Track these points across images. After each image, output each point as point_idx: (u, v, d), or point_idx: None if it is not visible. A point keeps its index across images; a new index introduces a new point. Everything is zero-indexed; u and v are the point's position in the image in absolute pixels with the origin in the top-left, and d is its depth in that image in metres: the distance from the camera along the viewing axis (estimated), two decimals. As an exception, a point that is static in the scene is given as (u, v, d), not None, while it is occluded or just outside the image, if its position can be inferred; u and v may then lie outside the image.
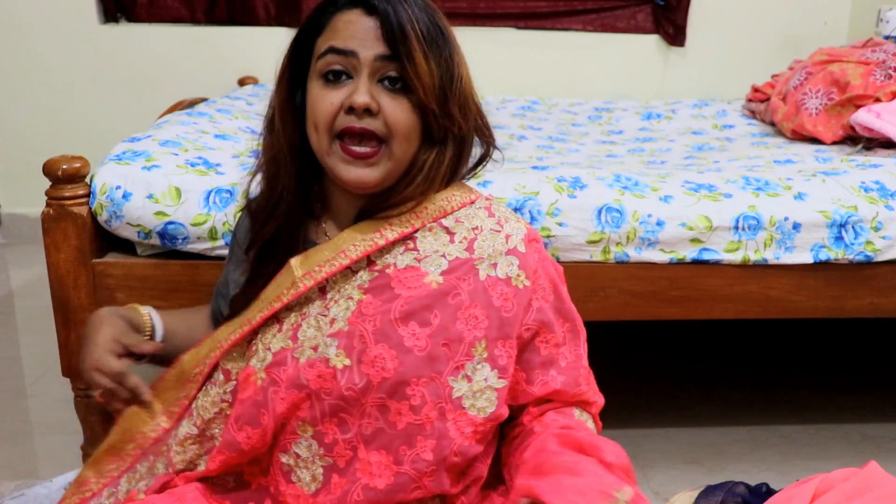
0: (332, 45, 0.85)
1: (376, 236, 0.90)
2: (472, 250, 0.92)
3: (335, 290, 0.90)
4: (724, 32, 2.90)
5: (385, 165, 0.87)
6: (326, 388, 0.86)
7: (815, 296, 1.39)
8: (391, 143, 0.86)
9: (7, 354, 1.99)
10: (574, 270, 1.32)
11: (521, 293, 0.93)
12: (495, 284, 0.92)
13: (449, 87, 0.86)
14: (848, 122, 1.84)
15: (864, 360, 2.03)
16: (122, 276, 1.30)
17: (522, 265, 0.94)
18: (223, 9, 2.78)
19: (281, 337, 0.89)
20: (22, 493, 1.08)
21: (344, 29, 0.85)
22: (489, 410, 0.91)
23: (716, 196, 1.36)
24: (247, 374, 0.89)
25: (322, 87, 0.86)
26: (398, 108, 0.85)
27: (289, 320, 0.90)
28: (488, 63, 2.85)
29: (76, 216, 1.27)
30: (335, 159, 0.87)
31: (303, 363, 0.87)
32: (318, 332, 0.88)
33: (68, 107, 2.81)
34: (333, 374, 0.86)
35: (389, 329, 0.87)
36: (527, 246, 0.95)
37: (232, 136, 1.65)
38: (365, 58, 0.84)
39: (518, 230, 0.96)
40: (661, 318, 1.39)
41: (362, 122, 0.84)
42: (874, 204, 1.37)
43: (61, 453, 1.52)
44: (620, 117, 2.41)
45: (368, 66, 0.84)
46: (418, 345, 0.87)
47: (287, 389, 0.87)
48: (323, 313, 0.89)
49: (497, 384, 0.91)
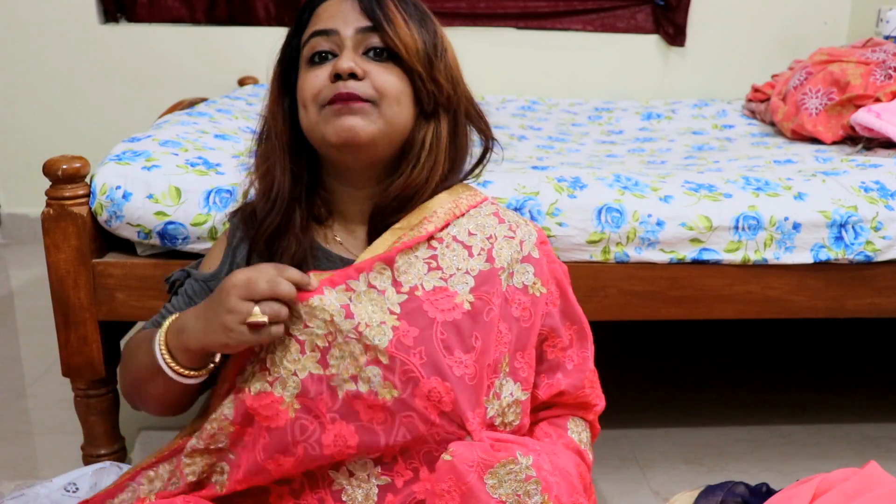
0: (314, 30, 0.87)
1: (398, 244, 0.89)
2: (493, 259, 0.91)
3: (361, 309, 0.85)
4: (724, 32, 2.90)
5: (377, 123, 0.86)
6: (379, 419, 0.83)
7: (815, 296, 1.39)
8: (381, 105, 0.85)
9: (7, 354, 1.99)
10: (574, 270, 1.32)
11: (537, 301, 0.93)
12: (514, 294, 0.92)
13: (433, 53, 0.88)
14: (848, 122, 1.84)
15: (864, 360, 2.03)
16: (122, 276, 1.30)
17: (538, 272, 0.94)
18: (223, 9, 2.78)
19: (307, 361, 0.84)
20: (22, 493, 1.08)
21: (324, 13, 0.88)
22: (515, 424, 0.91)
23: (716, 196, 1.36)
24: (271, 400, 0.84)
25: (309, 69, 0.87)
26: (385, 72, 0.86)
27: (310, 340, 0.84)
28: (488, 63, 2.86)
29: (76, 216, 1.27)
30: (323, 123, 0.86)
31: (343, 395, 0.83)
32: (353, 359, 0.83)
33: (68, 107, 2.81)
34: (387, 408, 0.83)
35: (438, 361, 0.84)
36: (539, 250, 0.95)
37: (232, 136, 1.65)
38: (346, 33, 0.85)
39: (529, 234, 0.96)
40: (661, 318, 1.39)
41: (349, 88, 0.84)
42: (874, 204, 1.37)
43: (61, 453, 1.52)
44: (620, 117, 2.41)
45: (351, 40, 0.86)
46: (468, 373, 0.85)
47: (333, 422, 0.83)
48: (355, 337, 0.84)
49: (521, 396, 0.91)
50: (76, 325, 1.29)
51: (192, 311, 0.85)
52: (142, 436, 1.58)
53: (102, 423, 1.39)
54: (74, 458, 1.44)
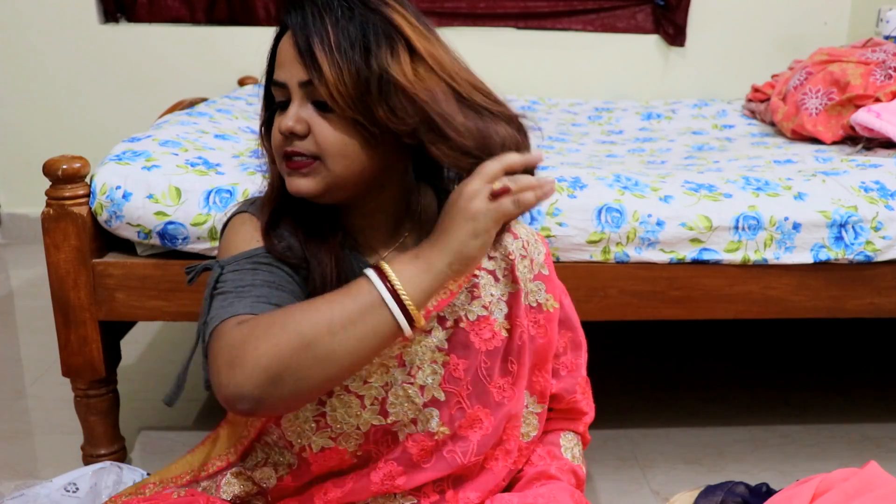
0: (274, 78, 0.84)
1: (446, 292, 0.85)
2: (517, 280, 0.92)
3: (412, 353, 0.87)
4: (724, 32, 2.90)
5: (325, 179, 0.81)
6: (426, 458, 0.88)
7: (815, 296, 1.39)
8: (326, 161, 0.81)
9: (7, 354, 1.99)
10: (574, 270, 1.32)
11: (551, 317, 0.95)
12: (530, 313, 0.94)
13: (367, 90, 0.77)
14: (848, 122, 1.84)
15: (864, 360, 2.03)
16: (122, 276, 1.30)
17: (549, 289, 0.96)
18: (223, 9, 2.78)
19: (367, 414, 0.86)
20: (22, 493, 1.08)
21: (280, 57, 0.83)
22: (532, 434, 0.96)
23: (716, 196, 1.36)
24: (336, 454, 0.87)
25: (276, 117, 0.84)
26: (326, 126, 0.80)
27: (369, 394, 0.86)
28: (488, 63, 2.84)
29: (76, 216, 1.27)
30: (285, 174, 0.84)
31: (403, 439, 0.87)
32: (411, 402, 0.86)
33: (68, 107, 2.81)
34: (436, 445, 0.87)
35: (482, 389, 0.88)
36: (547, 266, 0.97)
37: (232, 136, 1.65)
38: (292, 85, 0.81)
39: (539, 251, 0.96)
40: (661, 318, 1.39)
41: (293, 146, 0.81)
42: (874, 204, 1.37)
43: (61, 453, 1.52)
44: (620, 117, 2.41)
45: (297, 93, 0.81)
46: (507, 395, 0.90)
47: (386, 462, 0.87)
48: (408, 381, 0.86)
49: (537, 409, 0.96)
50: (76, 325, 1.29)
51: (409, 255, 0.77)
52: (142, 436, 1.58)
53: (102, 423, 1.39)
54: (74, 458, 1.44)
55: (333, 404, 0.85)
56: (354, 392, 0.85)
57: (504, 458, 0.93)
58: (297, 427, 0.87)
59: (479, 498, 0.91)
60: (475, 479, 0.91)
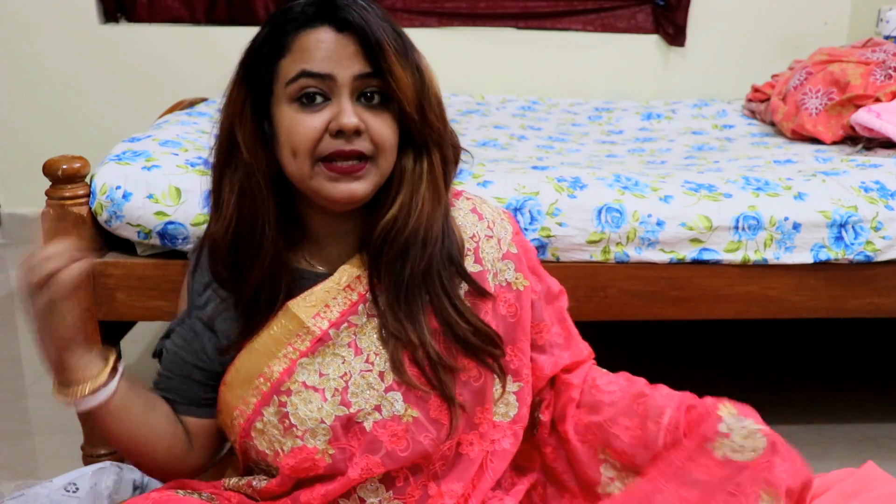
0: (304, 69, 0.80)
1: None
2: (481, 261, 0.92)
3: (367, 341, 0.87)
4: (724, 32, 2.89)
5: (372, 179, 0.83)
6: (402, 445, 0.86)
7: (815, 296, 1.39)
8: (378, 160, 0.82)
9: (7, 354, 1.99)
10: (574, 270, 1.32)
11: (521, 295, 0.95)
12: (499, 293, 0.93)
13: (423, 95, 0.83)
14: (848, 122, 1.84)
15: (864, 360, 2.03)
16: (122, 276, 1.30)
17: (518, 267, 0.95)
18: (223, 9, 2.78)
19: (329, 406, 0.85)
20: (22, 493, 1.08)
21: (315, 49, 0.80)
22: (511, 414, 0.94)
23: (716, 196, 1.36)
24: (306, 454, 0.85)
25: (297, 111, 0.81)
26: (382, 124, 0.82)
27: (328, 387, 0.85)
28: (488, 63, 2.86)
29: (76, 216, 1.27)
30: (320, 180, 0.82)
31: (371, 428, 0.85)
32: (372, 390, 0.85)
33: (68, 107, 2.81)
34: (406, 428, 0.85)
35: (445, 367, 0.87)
36: (516, 244, 0.97)
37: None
38: (343, 78, 0.79)
39: (505, 231, 0.96)
40: (661, 318, 1.39)
41: (352, 145, 0.80)
42: (874, 204, 1.37)
43: (61, 453, 1.52)
44: (620, 117, 2.41)
45: (348, 86, 0.80)
46: (473, 376, 0.89)
47: (361, 455, 0.85)
48: (367, 369, 0.86)
49: (514, 388, 0.94)
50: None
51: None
52: (142, 436, 1.59)
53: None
54: (74, 458, 1.44)
55: (294, 402, 0.85)
56: (313, 387, 0.85)
57: (479, 442, 0.91)
58: (266, 436, 0.86)
59: (464, 489, 0.89)
60: (454, 468, 0.90)
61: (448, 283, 0.87)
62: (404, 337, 0.85)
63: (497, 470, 0.92)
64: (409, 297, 0.86)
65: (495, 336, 0.90)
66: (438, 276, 0.87)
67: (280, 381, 0.85)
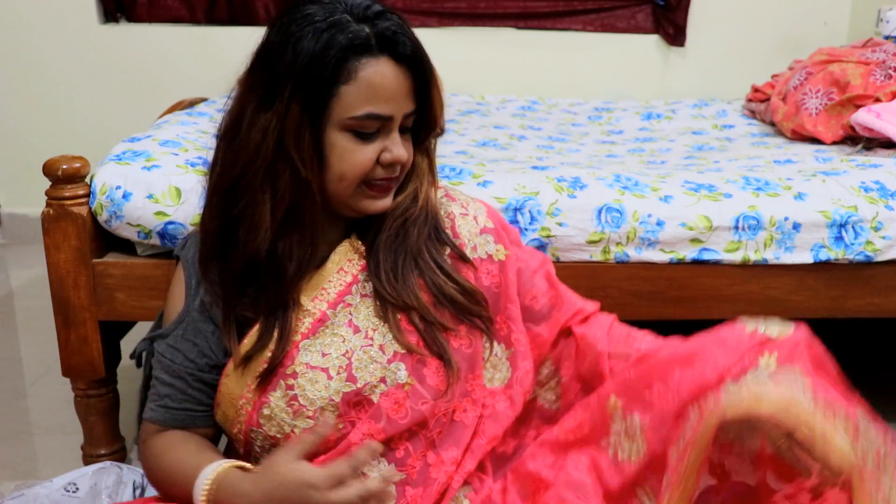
0: (372, 112, 0.83)
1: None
2: (458, 235, 0.97)
3: (363, 318, 0.90)
4: (724, 32, 2.89)
5: (391, 191, 0.91)
6: (401, 413, 0.88)
7: (815, 296, 1.39)
8: (399, 178, 0.91)
9: (7, 354, 1.99)
10: (574, 270, 1.32)
11: (504, 265, 0.98)
12: (481, 265, 0.97)
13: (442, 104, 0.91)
14: (848, 122, 1.84)
15: (864, 360, 2.03)
16: (122, 276, 1.30)
17: (497, 239, 0.99)
18: (223, 9, 2.79)
19: (337, 383, 0.87)
20: (22, 493, 1.08)
21: (381, 87, 0.82)
22: (505, 378, 0.97)
23: (716, 196, 1.36)
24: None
25: (351, 140, 0.84)
26: (410, 146, 0.90)
27: (333, 364, 0.87)
28: (488, 63, 2.85)
29: (76, 216, 1.27)
30: (360, 198, 0.88)
31: (378, 399, 0.88)
32: (376, 363, 0.88)
33: (68, 107, 2.81)
34: (406, 395, 0.88)
35: (436, 337, 0.91)
36: (492, 220, 1.00)
37: (232, 136, 1.65)
38: (398, 118, 0.86)
39: (479, 210, 1.01)
40: (661, 318, 1.39)
41: (396, 172, 0.89)
42: (874, 204, 1.37)
43: (61, 453, 1.52)
44: (620, 117, 2.41)
45: (398, 124, 0.86)
46: (464, 343, 0.93)
47: (365, 422, 0.87)
48: (367, 344, 0.89)
49: (506, 353, 0.97)
50: (76, 325, 1.29)
51: (251, 481, 0.81)
52: (142, 436, 1.59)
53: (102, 423, 1.39)
54: (74, 458, 1.44)
55: (300, 384, 0.86)
56: (318, 366, 0.87)
57: (472, 408, 0.93)
58: (275, 421, 0.87)
59: (463, 454, 0.92)
60: (450, 435, 0.92)
61: (436, 252, 0.93)
62: (399, 301, 0.89)
63: (488, 433, 0.94)
64: (404, 268, 0.91)
65: (479, 295, 0.94)
66: (426, 246, 0.92)
67: (284, 365, 0.87)
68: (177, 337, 0.91)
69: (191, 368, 0.91)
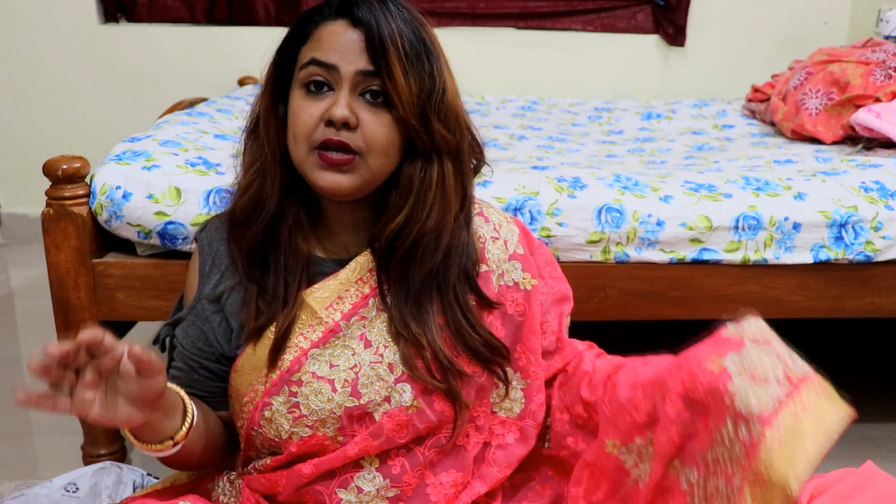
0: (314, 57, 0.83)
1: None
2: (487, 261, 0.94)
3: (376, 334, 0.89)
4: (724, 32, 2.90)
5: (361, 175, 0.84)
6: (402, 433, 0.87)
7: (815, 296, 1.39)
8: (367, 157, 0.83)
9: (7, 354, 1.99)
10: (574, 270, 1.32)
11: (530, 294, 0.96)
12: (506, 292, 0.94)
13: (429, 102, 0.83)
14: (848, 122, 1.84)
15: (864, 360, 2.03)
16: (122, 276, 1.30)
17: (526, 267, 0.96)
18: (223, 9, 2.78)
19: (340, 397, 0.86)
20: (22, 493, 1.08)
21: (327, 40, 0.83)
22: (517, 409, 0.95)
23: (716, 196, 1.36)
24: (316, 441, 0.87)
25: (303, 97, 0.84)
26: (377, 122, 0.83)
27: (339, 377, 0.87)
28: (488, 63, 2.86)
29: (76, 216, 1.27)
30: (311, 167, 0.84)
31: (380, 418, 0.86)
32: (382, 381, 0.87)
33: (68, 107, 2.81)
34: (410, 419, 0.87)
35: (449, 362, 0.89)
36: (523, 245, 0.97)
37: (232, 136, 1.65)
38: (346, 72, 0.81)
39: (512, 232, 0.98)
40: (661, 318, 1.39)
41: (340, 136, 0.82)
42: (874, 204, 1.37)
43: (61, 453, 1.52)
44: (620, 117, 2.41)
45: (349, 81, 0.82)
46: (476, 370, 0.91)
47: (364, 439, 0.87)
48: (377, 361, 0.87)
49: (521, 384, 0.95)
50: (76, 325, 1.29)
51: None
52: (142, 436, 1.59)
53: (102, 423, 1.39)
54: (74, 458, 1.44)
55: (304, 393, 0.86)
56: (324, 377, 0.86)
57: (475, 435, 0.92)
58: (274, 424, 0.87)
59: (463, 477, 0.91)
60: (448, 457, 0.91)
61: (462, 295, 0.89)
62: (412, 337, 0.87)
63: (501, 462, 0.93)
64: (419, 300, 0.88)
65: (503, 348, 0.91)
66: (454, 288, 0.89)
67: (290, 371, 0.86)
68: (189, 322, 0.92)
69: (196, 355, 0.91)
